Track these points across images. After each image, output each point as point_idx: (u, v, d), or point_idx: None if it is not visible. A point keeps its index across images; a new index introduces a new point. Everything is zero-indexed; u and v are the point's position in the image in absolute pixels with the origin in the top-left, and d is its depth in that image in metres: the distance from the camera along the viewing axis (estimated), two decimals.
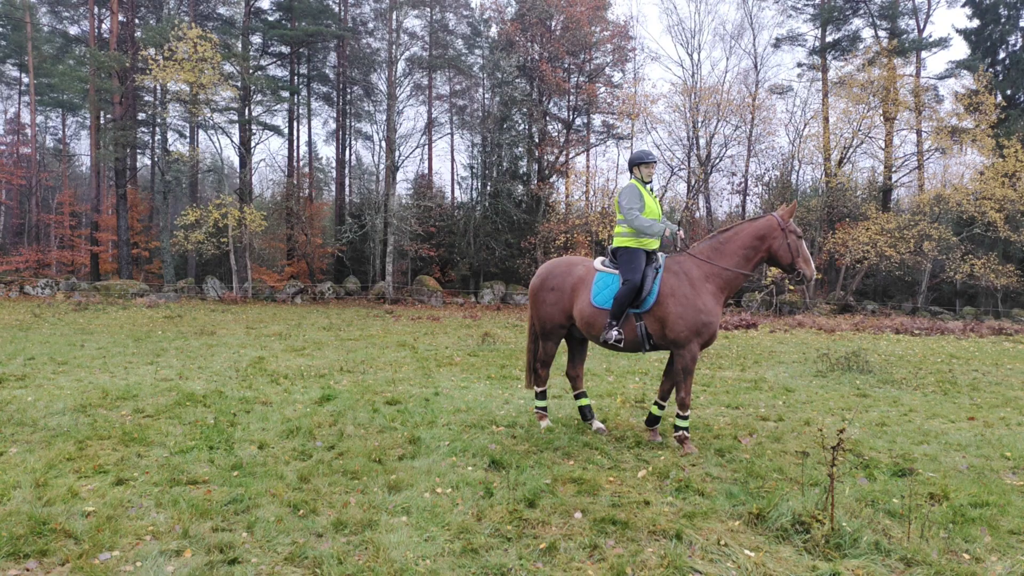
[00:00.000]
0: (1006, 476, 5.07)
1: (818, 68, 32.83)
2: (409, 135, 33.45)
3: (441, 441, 5.57)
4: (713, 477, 4.85)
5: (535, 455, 5.26)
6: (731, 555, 3.51)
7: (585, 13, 31.19)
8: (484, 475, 4.73)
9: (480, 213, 33.28)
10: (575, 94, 33.02)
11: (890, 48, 29.35)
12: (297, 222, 32.57)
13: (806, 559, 3.48)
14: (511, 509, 4.05)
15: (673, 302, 5.59)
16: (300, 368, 9.50)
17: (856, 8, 32.24)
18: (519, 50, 31.87)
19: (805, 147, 30.82)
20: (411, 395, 7.60)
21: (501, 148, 32.94)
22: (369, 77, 34.18)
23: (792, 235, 5.60)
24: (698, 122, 30.66)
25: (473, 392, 7.94)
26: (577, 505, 4.17)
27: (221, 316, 18.88)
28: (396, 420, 6.34)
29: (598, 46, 33.41)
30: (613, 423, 6.40)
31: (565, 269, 6.27)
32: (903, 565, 3.44)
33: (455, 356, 11.21)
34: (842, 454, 3.98)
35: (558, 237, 29.56)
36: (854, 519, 3.89)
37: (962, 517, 4.08)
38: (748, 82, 31.71)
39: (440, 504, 4.15)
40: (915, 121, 29.45)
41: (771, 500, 4.12)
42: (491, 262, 31.79)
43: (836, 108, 29.69)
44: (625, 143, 35.43)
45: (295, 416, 6.40)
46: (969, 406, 7.79)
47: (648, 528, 3.84)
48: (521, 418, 6.54)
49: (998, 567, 3.43)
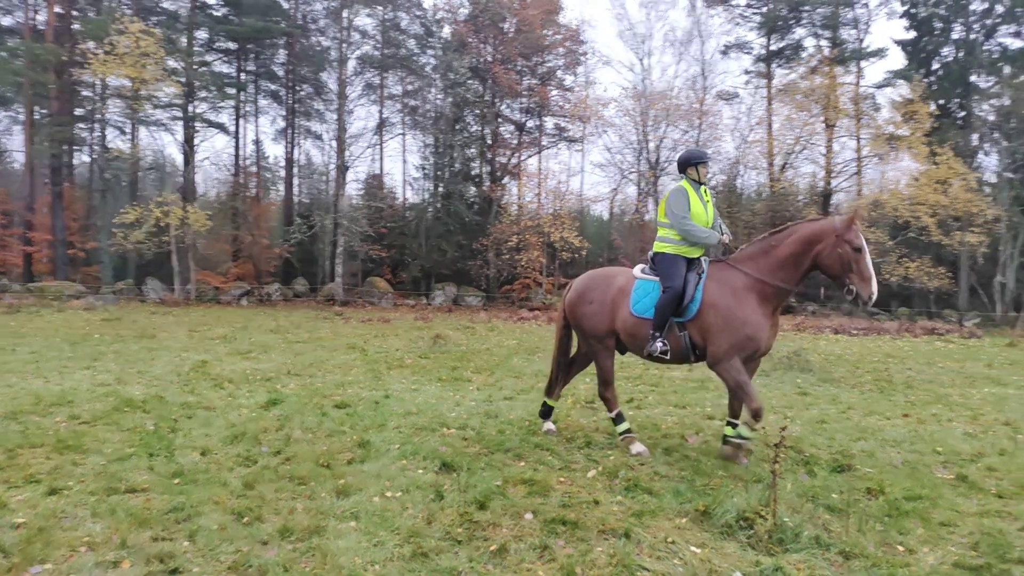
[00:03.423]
0: (937, 470, 5.29)
1: (763, 75, 33.69)
2: (360, 135, 32.98)
3: (391, 444, 5.52)
4: (661, 475, 4.93)
5: (486, 457, 5.26)
6: (678, 552, 3.58)
7: (538, 16, 31.34)
8: (435, 478, 4.71)
9: (432, 214, 33.08)
10: (528, 96, 33.13)
11: (831, 57, 30.33)
12: (243, 222, 31.82)
13: (750, 554, 3.57)
14: (462, 511, 4.04)
15: (714, 313, 5.24)
16: (246, 372, 9.28)
17: (799, 18, 33.18)
18: (472, 51, 31.82)
19: (750, 152, 31.59)
20: (361, 398, 7.51)
21: (453, 149, 32.81)
22: (319, 75, 33.60)
23: (847, 246, 4.98)
24: (648, 126, 31.12)
25: (424, 394, 7.89)
26: (528, 506, 4.19)
27: (162, 319, 18.31)
28: (345, 424, 6.25)
29: (550, 49, 33.59)
30: (564, 424, 6.44)
31: (604, 281, 5.96)
32: (842, 558, 3.55)
33: (406, 358, 11.12)
34: (784, 451, 4.09)
35: (510, 239, 29.61)
36: (796, 514, 4.00)
37: (897, 510, 4.24)
38: (696, 88, 32.33)
39: (390, 508, 4.11)
40: (854, 128, 30.47)
41: (716, 497, 4.21)
42: (443, 264, 31.63)
43: (780, 115, 30.51)
44: (577, 146, 35.75)
45: (240, 421, 6.25)
46: (903, 403, 8.11)
47: (598, 527, 3.88)
48: (472, 420, 6.52)
49: (930, 558, 3.58)
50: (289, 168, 36.00)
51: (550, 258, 30.82)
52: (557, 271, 31.51)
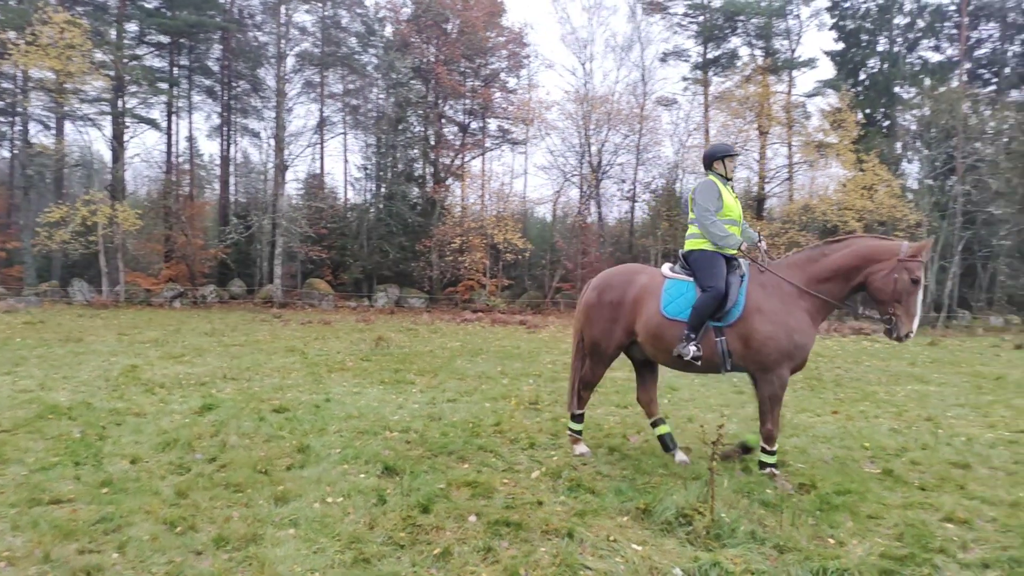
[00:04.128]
0: (865, 465, 5.52)
1: (701, 83, 34.54)
2: (300, 133, 32.30)
3: (332, 449, 5.42)
4: (603, 475, 4.99)
5: (429, 460, 5.22)
6: (619, 550, 3.63)
7: (481, 18, 31.36)
8: (377, 482, 4.65)
9: (374, 215, 32.69)
10: (471, 98, 33.10)
11: (765, 66, 31.37)
12: (176, 222, 30.75)
13: (689, 550, 3.65)
14: (404, 516, 4.00)
15: (761, 319, 4.90)
16: (178, 376, 8.97)
17: (735, 28, 34.18)
18: (415, 51, 31.60)
19: (688, 157, 32.32)
20: (300, 402, 7.35)
21: (396, 150, 32.51)
22: (256, 72, 32.79)
23: (906, 274, 4.68)
24: (590, 130, 31.51)
25: (366, 397, 7.79)
26: (471, 508, 4.17)
27: (90, 322, 17.52)
28: (284, 428, 6.11)
29: (494, 51, 33.66)
30: (507, 425, 6.45)
31: (625, 278, 5.55)
32: (777, 552, 3.66)
33: (347, 361, 10.94)
34: (721, 449, 4.19)
35: (453, 240, 29.53)
36: (732, 510, 4.11)
37: (828, 504, 4.41)
38: (637, 93, 32.91)
39: (330, 514, 4.04)
40: (786, 135, 31.57)
41: (657, 495, 4.29)
42: (385, 265, 31.28)
43: (716, 121, 31.35)
44: (520, 148, 35.90)
45: (172, 427, 6.04)
46: (833, 401, 8.43)
47: (541, 528, 3.90)
48: (415, 423, 6.47)
49: (859, 550, 3.72)
50: (225, 166, 34.99)
51: (494, 259, 30.85)
52: (500, 273, 31.56)
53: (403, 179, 32.85)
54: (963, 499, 4.67)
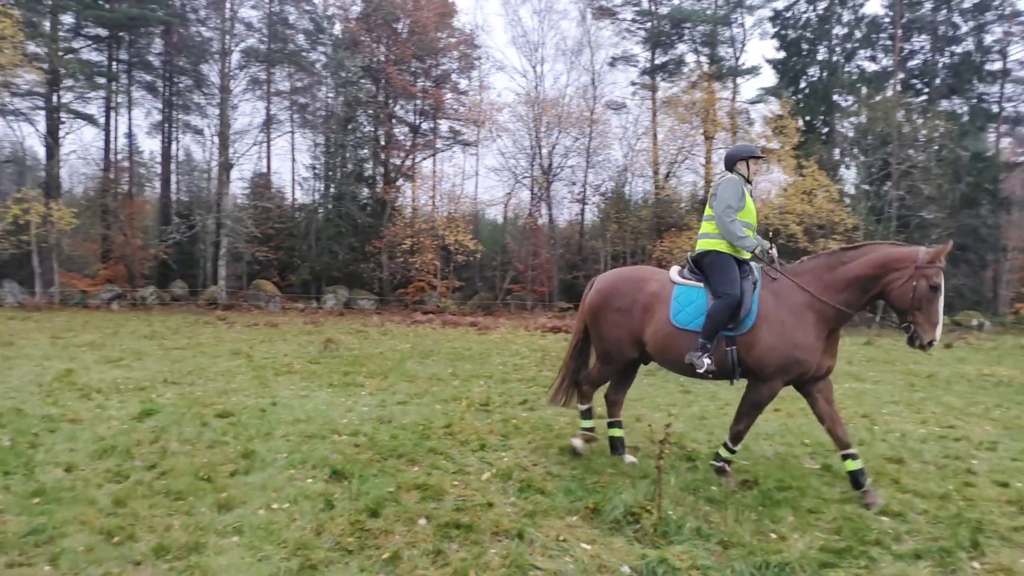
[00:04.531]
0: (806, 461, 5.70)
1: (649, 88, 35.10)
2: (245, 131, 31.49)
3: (278, 454, 5.31)
4: (553, 475, 5.02)
5: (379, 463, 5.16)
6: (569, 549, 3.66)
7: (432, 18, 31.22)
8: (325, 487, 4.58)
9: (323, 215, 32.18)
10: (422, 98, 32.90)
11: (710, 73, 32.10)
12: (115, 221, 29.69)
13: (637, 548, 3.70)
14: (353, 520, 3.95)
15: (767, 329, 4.74)
16: (116, 381, 8.65)
17: (681, 35, 34.87)
18: (364, 50, 31.25)
19: (637, 160, 32.84)
20: (245, 406, 7.18)
21: (345, 149, 32.08)
22: (200, 67, 31.90)
23: (925, 281, 4.50)
24: (541, 132, 31.69)
25: (314, 401, 7.66)
26: (421, 511, 4.15)
27: (21, 324, 16.76)
28: (228, 433, 5.96)
29: (445, 52, 33.54)
30: (458, 427, 6.43)
31: (634, 284, 5.32)
32: (721, 548, 3.75)
33: (295, 364, 10.74)
34: (668, 447, 4.27)
35: (404, 241, 29.31)
36: (679, 508, 4.19)
37: (770, 500, 4.53)
38: (587, 97, 33.24)
39: (276, 520, 3.96)
40: (731, 140, 32.34)
41: (606, 494, 4.34)
42: (334, 266, 30.83)
43: (664, 126, 31.90)
44: (471, 150, 35.87)
45: (110, 434, 5.82)
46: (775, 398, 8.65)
47: (491, 529, 3.90)
48: (365, 426, 6.39)
49: (800, 544, 3.84)
50: (166, 164, 33.96)
51: (445, 261, 30.75)
52: (451, 274, 31.47)
53: (353, 179, 32.45)
54: (897, 492, 4.87)
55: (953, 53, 34.17)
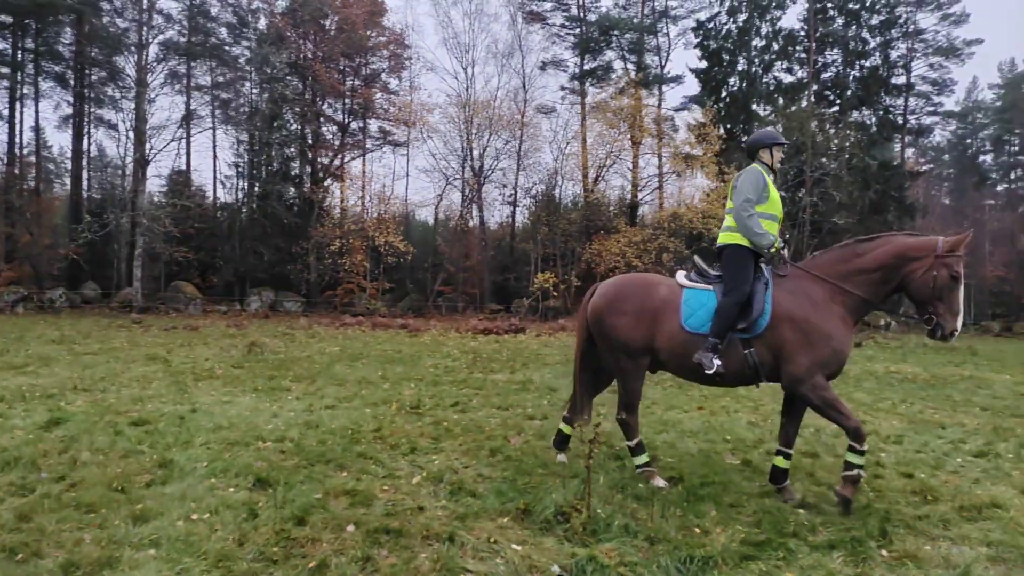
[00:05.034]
0: (727, 457, 5.89)
1: (578, 93, 35.64)
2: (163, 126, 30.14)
3: (198, 462, 5.11)
4: (485, 477, 5.01)
5: (305, 469, 5.04)
6: (500, 551, 3.66)
7: (361, 16, 30.76)
8: (248, 496, 4.43)
9: (247, 215, 31.25)
10: (351, 97, 32.39)
11: (637, 80, 32.85)
12: (20, 218, 27.93)
13: (566, 547, 3.74)
14: (278, 529, 3.84)
15: (791, 328, 4.55)
16: (21, 388, 8.13)
17: (609, 42, 35.56)
18: (291, 46, 30.50)
19: (567, 164, 33.25)
20: (163, 413, 6.88)
21: (271, 147, 31.25)
22: (114, 59, 30.39)
23: (945, 271, 4.37)
24: (472, 134, 31.70)
25: (237, 407, 7.40)
26: (350, 518, 4.07)
27: None
28: (144, 442, 5.69)
29: (375, 51, 33.12)
30: (388, 431, 6.35)
31: (643, 289, 5.07)
32: (648, 544, 3.83)
33: (216, 368, 10.37)
34: (597, 447, 4.34)
35: (333, 242, 28.75)
36: (607, 506, 4.27)
37: (694, 496, 4.66)
38: (518, 100, 33.47)
39: (196, 532, 3.80)
40: (656, 146, 33.19)
41: (537, 495, 4.37)
42: (259, 267, 29.95)
43: (593, 130, 32.43)
44: (402, 150, 35.55)
45: (13, 444, 5.46)
46: (699, 397, 8.92)
47: (422, 534, 3.86)
48: (291, 431, 6.22)
49: (722, 538, 3.96)
50: (77, 160, 32.20)
51: (375, 262, 30.32)
52: (382, 276, 31.06)
53: (279, 178, 31.64)
54: (812, 486, 5.09)
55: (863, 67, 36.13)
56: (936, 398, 9.52)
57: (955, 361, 15.27)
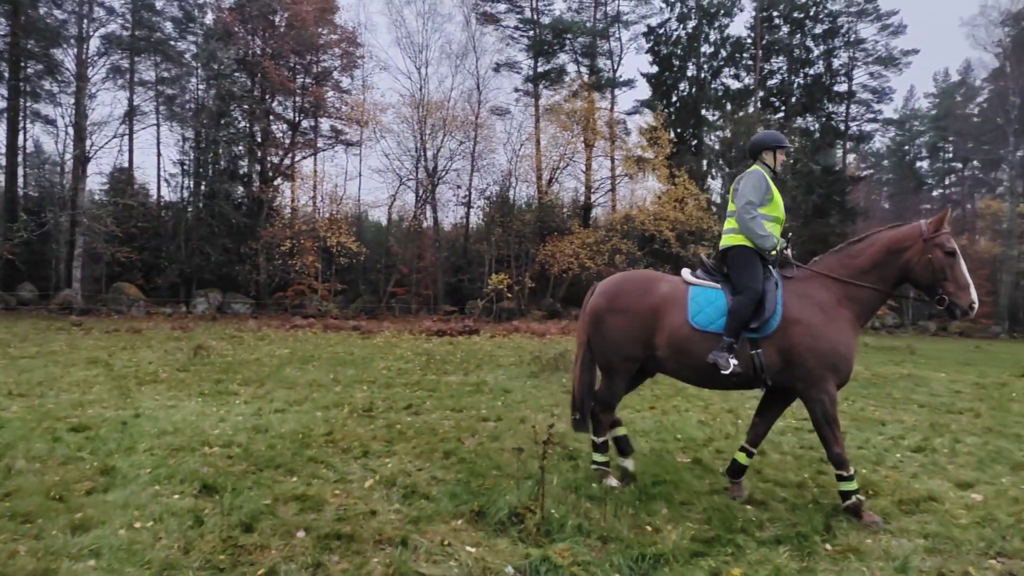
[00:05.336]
0: (678, 456, 5.99)
1: (532, 95, 35.83)
2: (104, 123, 29.10)
3: (141, 469, 4.95)
4: (438, 480, 4.99)
5: (254, 475, 4.93)
6: (454, 554, 3.65)
7: (311, 13, 30.30)
8: (194, 502, 4.31)
9: (193, 214, 30.43)
10: (302, 95, 31.87)
11: (590, 83, 33.21)
12: None
13: (520, 548, 3.74)
14: (225, 536, 3.74)
15: (800, 330, 4.49)
16: None
17: (563, 45, 35.86)
18: (239, 42, 29.85)
19: (521, 166, 33.43)
20: (104, 419, 6.64)
21: (218, 145, 30.50)
22: (52, 52, 29.23)
23: (938, 250, 4.40)
24: (426, 134, 31.54)
25: (182, 411, 7.20)
26: (300, 524, 4.00)
27: None
28: (84, 449, 5.49)
29: (326, 49, 32.67)
30: (340, 434, 6.26)
31: (643, 285, 4.98)
32: (601, 543, 3.86)
33: (161, 372, 10.07)
34: (552, 448, 4.36)
35: (283, 243, 28.22)
36: (561, 506, 4.29)
37: (646, 494, 4.72)
38: (472, 101, 33.46)
39: (139, 540, 3.68)
40: (609, 149, 33.61)
41: (491, 496, 4.36)
42: (206, 268, 29.18)
43: (547, 132, 32.69)
44: (354, 150, 35.16)
45: None
46: (650, 397, 9.05)
47: (374, 538, 3.82)
48: (239, 436, 6.08)
49: (673, 535, 4.02)
50: (12, 156, 30.84)
51: (326, 263, 29.89)
52: (333, 277, 30.64)
53: (226, 177, 30.91)
54: (760, 482, 5.22)
55: (807, 75, 37.28)
56: (877, 396, 9.86)
57: (895, 360, 15.86)
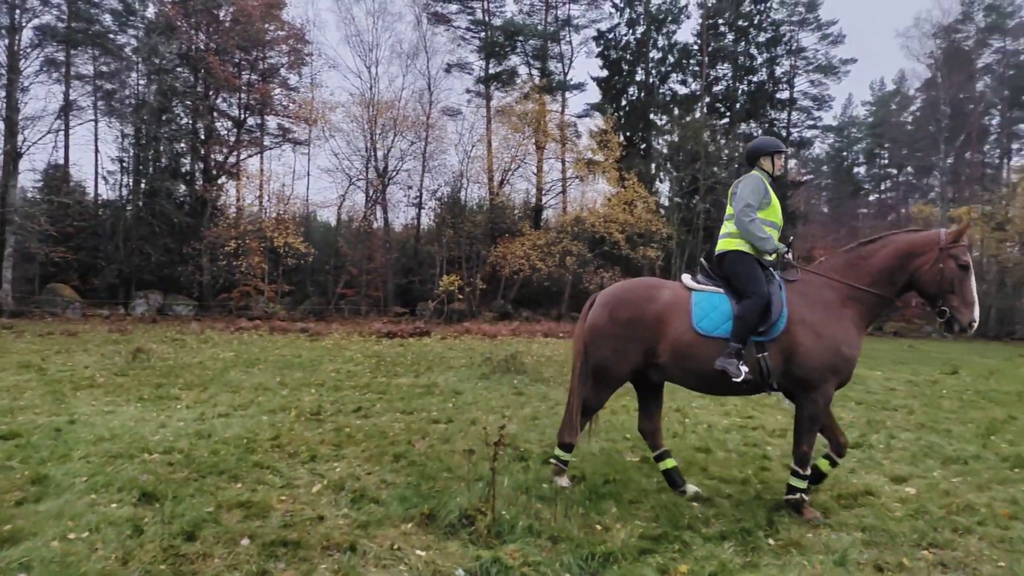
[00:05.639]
0: (627, 455, 6.07)
1: (483, 96, 35.84)
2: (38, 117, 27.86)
3: (77, 477, 4.76)
4: (388, 483, 4.94)
5: (196, 482, 4.79)
6: (404, 557, 3.62)
7: (258, 8, 29.67)
8: (133, 511, 4.16)
9: (133, 213, 29.41)
10: (247, 92, 31.15)
11: (541, 86, 33.41)
12: None
13: (471, 550, 3.74)
14: (166, 545, 3.63)
15: (804, 331, 4.46)
16: None
17: (514, 47, 35.98)
18: (182, 36, 29.01)
19: (472, 167, 33.40)
20: (36, 425, 6.36)
21: (159, 142, 29.56)
22: None
23: (952, 262, 4.34)
24: (376, 134, 31.21)
25: (121, 417, 6.95)
26: (244, 531, 3.90)
27: None
28: (14, 457, 5.24)
29: (273, 45, 32.02)
30: (287, 438, 6.14)
31: (645, 293, 4.87)
32: (551, 543, 3.89)
33: (98, 376, 9.70)
34: (502, 449, 4.37)
35: (228, 243, 27.52)
36: (512, 507, 4.30)
37: (595, 494, 4.77)
38: (423, 101, 33.26)
39: (74, 552, 3.54)
40: (560, 151, 33.87)
41: (441, 499, 4.34)
42: (146, 269, 28.24)
43: (498, 134, 32.72)
44: (302, 149, 34.57)
45: None
46: None
47: (322, 544, 3.76)
48: (180, 442, 5.90)
49: (622, 533, 4.08)
50: None
51: (273, 264, 29.27)
52: (281, 278, 30.03)
53: (168, 175, 29.99)
54: (705, 479, 5.33)
55: (751, 81, 38.27)
56: None
57: None
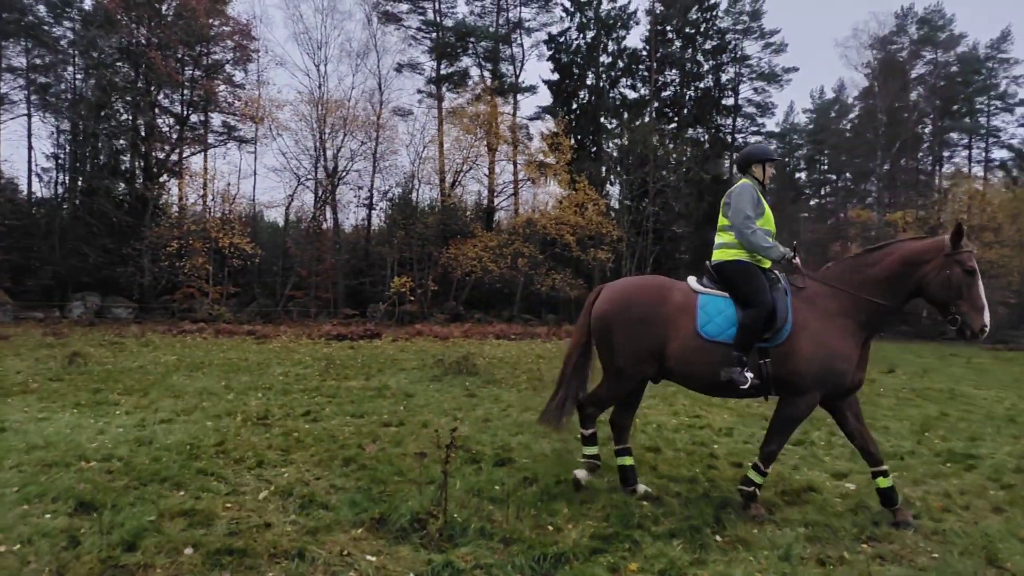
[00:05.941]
0: (578, 456, 6.09)
1: (435, 97, 35.68)
2: None
3: (8, 487, 4.55)
4: (338, 488, 4.86)
5: (136, 490, 4.63)
6: (354, 564, 3.57)
7: (202, 3, 28.87)
8: (69, 522, 4.00)
9: (69, 212, 28.28)
10: (191, 88, 30.29)
11: (493, 88, 33.45)
12: None
13: (423, 554, 3.71)
14: (104, 556, 3.50)
15: (805, 338, 4.44)
16: None
17: (466, 48, 35.96)
18: (122, 30, 28.03)
19: (424, 168, 33.17)
20: None
21: (98, 139, 28.51)
22: None
23: (958, 267, 4.29)
24: (325, 133, 30.72)
25: (56, 424, 6.67)
26: (188, 540, 3.79)
27: None
28: None
29: (217, 40, 31.22)
30: (232, 444, 5.99)
31: (657, 293, 4.80)
32: (503, 545, 3.88)
33: (31, 382, 9.29)
34: (454, 451, 4.35)
35: (170, 243, 26.68)
36: (464, 510, 4.28)
37: (548, 495, 4.79)
38: (373, 101, 32.87)
39: (4, 566, 3.38)
40: (512, 153, 33.96)
41: (392, 503, 4.31)
42: (83, 270, 27.15)
43: (450, 135, 32.60)
44: (248, 147, 33.79)
45: None
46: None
47: (269, 552, 3.67)
48: (120, 449, 5.70)
49: (573, 534, 4.10)
50: None
51: (218, 265, 28.51)
52: (226, 279, 29.27)
53: (107, 173, 28.94)
54: (655, 478, 5.41)
55: (697, 88, 39.10)
56: None
57: None
